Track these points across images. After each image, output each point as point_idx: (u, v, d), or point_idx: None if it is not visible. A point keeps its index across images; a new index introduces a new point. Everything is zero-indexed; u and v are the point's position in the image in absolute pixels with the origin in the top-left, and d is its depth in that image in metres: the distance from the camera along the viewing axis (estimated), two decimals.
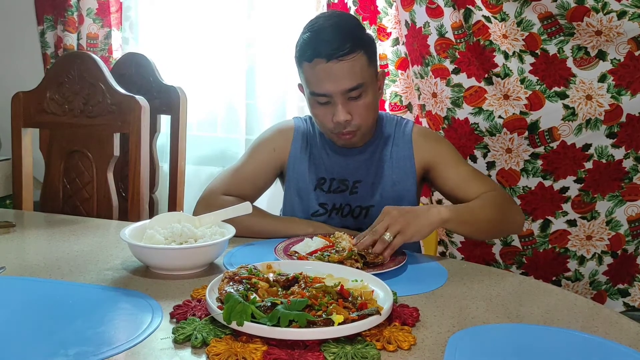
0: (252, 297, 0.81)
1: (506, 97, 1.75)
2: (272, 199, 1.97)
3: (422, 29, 1.84)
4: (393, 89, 2.05)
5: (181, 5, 2.43)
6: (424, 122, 1.98)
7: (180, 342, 0.76)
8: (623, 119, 1.67)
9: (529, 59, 1.71)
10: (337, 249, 1.12)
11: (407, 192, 1.38)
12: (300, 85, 1.35)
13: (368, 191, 1.38)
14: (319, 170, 1.40)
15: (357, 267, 1.04)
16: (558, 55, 1.67)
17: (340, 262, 1.06)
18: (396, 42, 2.02)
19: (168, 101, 1.95)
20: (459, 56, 1.79)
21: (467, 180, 1.34)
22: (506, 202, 1.32)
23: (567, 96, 1.69)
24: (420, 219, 1.14)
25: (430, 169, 1.39)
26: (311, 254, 1.12)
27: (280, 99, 2.36)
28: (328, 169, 1.39)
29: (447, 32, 1.79)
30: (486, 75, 1.77)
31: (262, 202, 1.44)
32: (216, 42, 2.39)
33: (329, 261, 1.06)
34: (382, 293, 0.88)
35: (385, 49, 2.02)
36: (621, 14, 1.56)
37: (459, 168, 1.36)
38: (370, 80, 1.28)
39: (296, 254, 1.13)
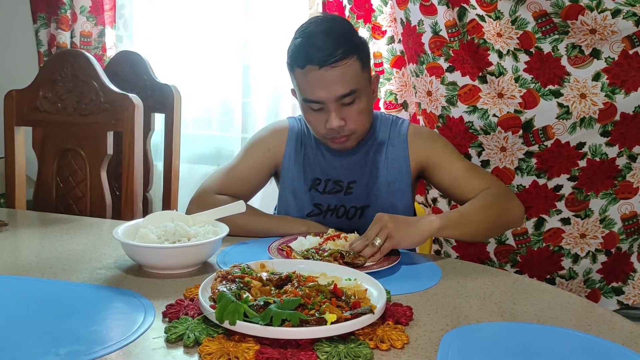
0: (244, 296, 0.81)
1: (500, 95, 1.76)
2: (265, 198, 1.97)
3: (417, 27, 1.84)
4: (388, 87, 2.05)
5: (176, 3, 2.42)
6: (421, 120, 1.98)
7: (172, 341, 0.75)
8: (617, 117, 1.67)
9: (523, 58, 1.71)
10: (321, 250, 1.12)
11: (402, 193, 1.37)
12: (293, 90, 1.33)
13: (363, 192, 1.37)
14: (314, 171, 1.39)
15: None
16: (552, 53, 1.67)
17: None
18: (391, 40, 2.01)
19: (162, 99, 1.95)
20: (453, 54, 1.79)
21: (463, 177, 1.33)
22: (503, 198, 1.29)
23: (562, 95, 1.69)
24: (411, 227, 1.15)
25: (425, 168, 1.38)
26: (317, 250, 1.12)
27: (276, 97, 2.35)
28: (323, 169, 1.39)
29: (441, 30, 1.79)
30: (480, 74, 1.77)
31: (255, 200, 1.44)
32: (212, 40, 2.38)
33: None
34: (375, 292, 0.88)
35: (380, 47, 2.02)
36: (615, 13, 1.56)
37: (455, 165, 1.35)
38: (364, 86, 1.26)
39: (287, 247, 1.13)
